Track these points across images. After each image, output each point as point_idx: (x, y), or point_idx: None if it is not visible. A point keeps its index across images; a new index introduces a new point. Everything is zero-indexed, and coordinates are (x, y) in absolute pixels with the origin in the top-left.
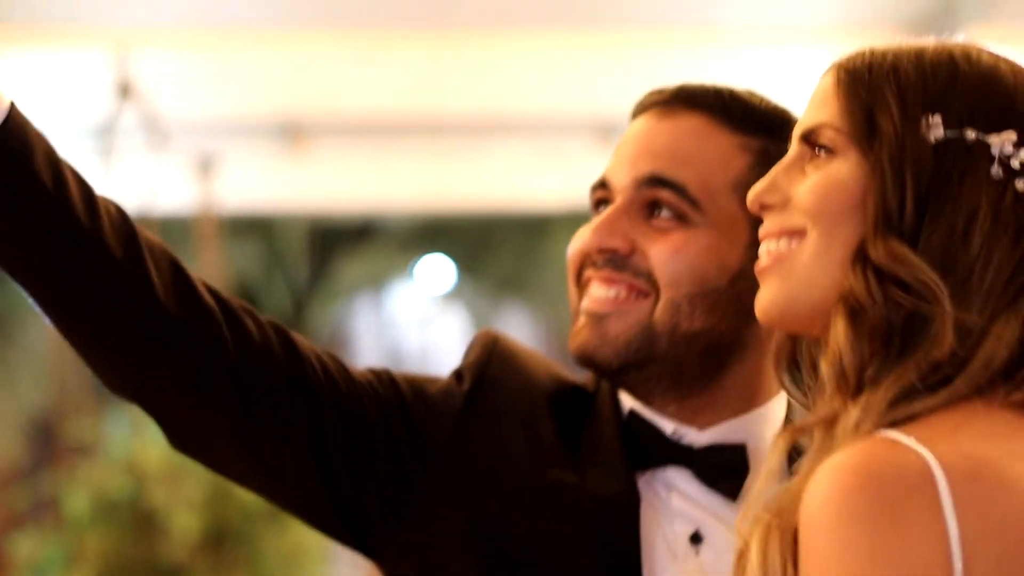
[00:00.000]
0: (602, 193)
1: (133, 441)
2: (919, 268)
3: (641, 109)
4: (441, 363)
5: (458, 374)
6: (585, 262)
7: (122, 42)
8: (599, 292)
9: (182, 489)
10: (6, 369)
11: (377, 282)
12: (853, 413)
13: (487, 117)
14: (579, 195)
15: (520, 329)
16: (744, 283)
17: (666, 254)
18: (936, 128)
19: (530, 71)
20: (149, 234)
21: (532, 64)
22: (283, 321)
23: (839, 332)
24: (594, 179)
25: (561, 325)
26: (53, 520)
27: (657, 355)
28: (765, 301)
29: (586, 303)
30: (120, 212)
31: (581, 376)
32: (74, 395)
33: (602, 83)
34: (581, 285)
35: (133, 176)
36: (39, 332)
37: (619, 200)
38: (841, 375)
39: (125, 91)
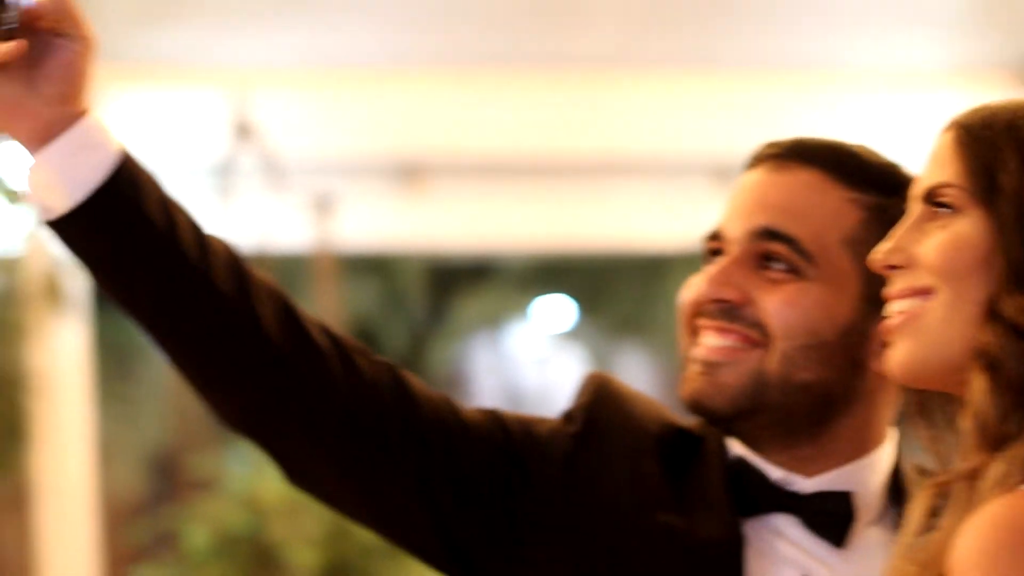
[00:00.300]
0: (716, 244)
1: (253, 476)
2: None
3: (756, 161)
4: (559, 403)
5: (568, 416)
6: (697, 311)
7: (240, 82)
8: (712, 341)
9: (301, 524)
10: (128, 404)
11: (495, 321)
12: (998, 467)
13: (606, 158)
14: (697, 236)
15: (638, 368)
16: (853, 336)
17: (779, 306)
18: None
19: (649, 112)
20: (260, 272)
21: (651, 105)
22: (401, 360)
23: (978, 388)
24: (713, 221)
25: (679, 365)
26: (173, 554)
27: (768, 404)
28: (899, 359)
29: (699, 351)
30: (230, 251)
31: (689, 420)
32: (195, 430)
33: (721, 125)
34: (692, 333)
35: (251, 215)
36: (160, 367)
37: (733, 251)
38: (983, 430)
39: (243, 131)
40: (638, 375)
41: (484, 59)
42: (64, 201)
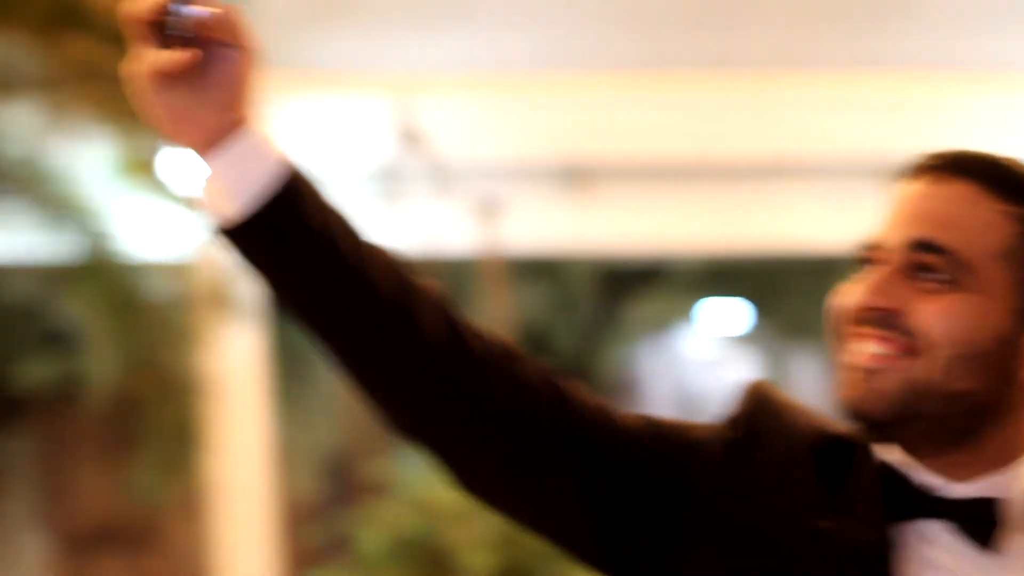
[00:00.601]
0: (872, 253)
1: (426, 481)
2: None
3: (913, 173)
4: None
5: (727, 422)
6: (854, 318)
7: (406, 87)
8: (871, 348)
9: (474, 528)
10: (304, 408)
11: (665, 324)
12: None
13: (774, 160)
14: (867, 238)
15: (810, 370)
16: (1006, 347)
17: (935, 315)
18: None
19: (817, 114)
20: (422, 278)
21: (819, 107)
22: (571, 364)
23: None
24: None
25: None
26: (348, 558)
27: (923, 412)
28: None
29: (857, 358)
30: (392, 258)
31: (844, 426)
32: (369, 434)
33: (889, 126)
34: (847, 339)
35: (418, 220)
36: (333, 372)
37: (891, 261)
38: None
39: (409, 136)
40: (810, 376)
41: (650, 62)
42: (234, 209)
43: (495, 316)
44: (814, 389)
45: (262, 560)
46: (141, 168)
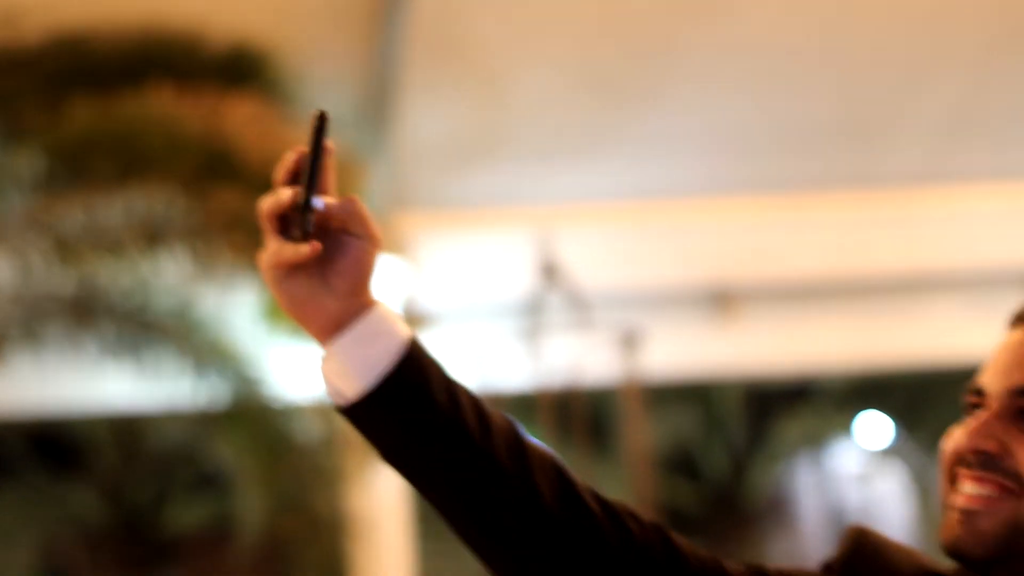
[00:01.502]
0: (977, 399)
1: None
2: None
3: (1019, 320)
4: (883, 519)
5: (828, 567)
6: (958, 460)
7: (546, 221)
8: (971, 490)
9: None
10: (447, 539)
11: (816, 441)
12: None
13: (918, 273)
14: None
15: None
16: None
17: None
18: None
19: (959, 226)
20: (536, 443)
21: (960, 219)
22: (722, 483)
23: None
24: None
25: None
26: None
27: (1022, 551)
28: None
29: (958, 499)
30: (510, 427)
31: (946, 565)
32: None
33: None
34: (952, 480)
35: (560, 351)
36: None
37: (994, 406)
38: None
39: (550, 270)
40: None
41: (789, 183)
42: (355, 388)
43: (637, 443)
44: None
45: None
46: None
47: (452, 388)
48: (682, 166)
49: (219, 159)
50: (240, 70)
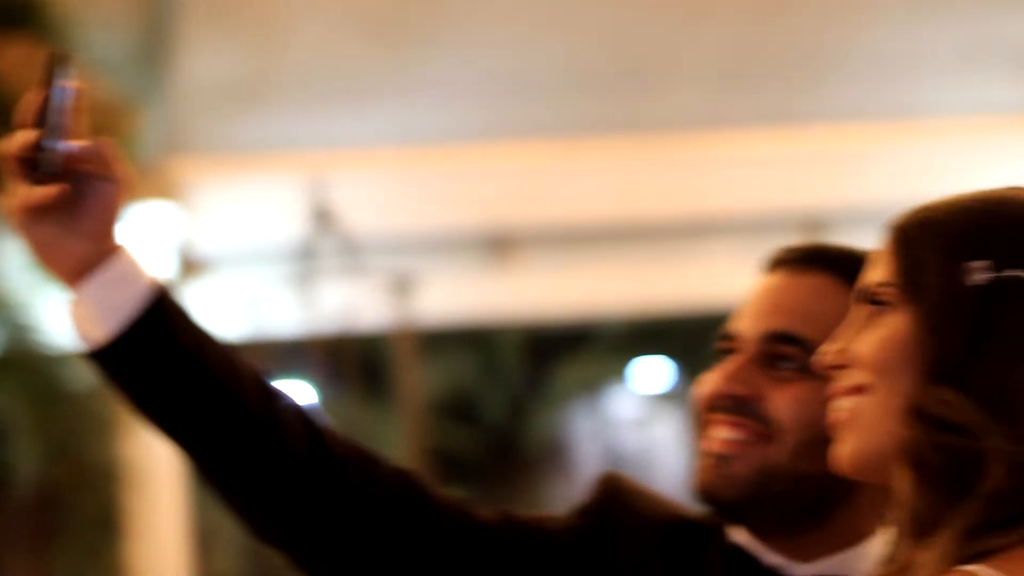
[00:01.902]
0: (730, 344)
1: None
2: (964, 409)
3: (772, 266)
4: (660, 464)
5: (579, 512)
6: (710, 405)
7: (319, 166)
8: (724, 434)
9: None
10: None
11: (594, 386)
12: (924, 557)
13: (695, 218)
14: None
15: None
16: None
17: (788, 402)
18: (979, 273)
19: (736, 171)
20: (282, 390)
21: (737, 164)
22: (500, 429)
23: (903, 482)
24: None
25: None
26: None
27: (774, 495)
28: (840, 454)
29: (710, 444)
30: (258, 375)
31: (699, 511)
32: None
33: (807, 180)
34: (705, 426)
35: (333, 298)
36: None
37: (746, 351)
38: (910, 522)
39: (322, 216)
40: None
41: (566, 128)
42: (101, 332)
43: (411, 389)
44: None
45: None
46: None
47: (198, 333)
48: (458, 112)
49: None
50: (12, 12)
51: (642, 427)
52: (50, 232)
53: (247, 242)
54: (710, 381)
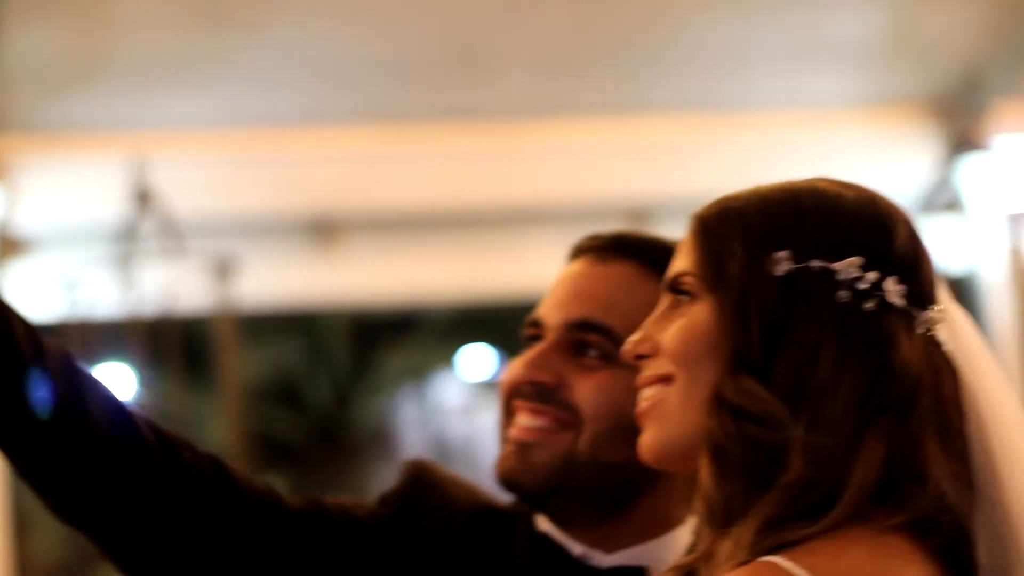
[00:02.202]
0: (534, 331)
1: None
2: (764, 399)
3: (577, 253)
4: (485, 451)
5: (384, 500)
6: (514, 392)
7: (141, 147)
8: (526, 422)
9: None
10: None
11: (420, 373)
12: (725, 546)
13: (519, 206)
14: None
15: None
16: None
17: (591, 390)
18: (781, 263)
19: (563, 159)
20: (91, 374)
21: (564, 152)
22: (326, 415)
23: (704, 471)
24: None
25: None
26: None
27: (577, 483)
28: (644, 444)
29: (513, 431)
30: (65, 353)
31: (507, 499)
32: None
33: (629, 169)
34: (509, 413)
35: (154, 278)
36: None
37: (550, 338)
38: (711, 512)
39: (143, 197)
40: None
41: (393, 114)
42: None
43: (231, 373)
44: None
45: None
46: None
47: (4, 309)
48: (284, 95)
49: None
50: None
51: (467, 415)
52: None
53: (68, 222)
54: (514, 368)
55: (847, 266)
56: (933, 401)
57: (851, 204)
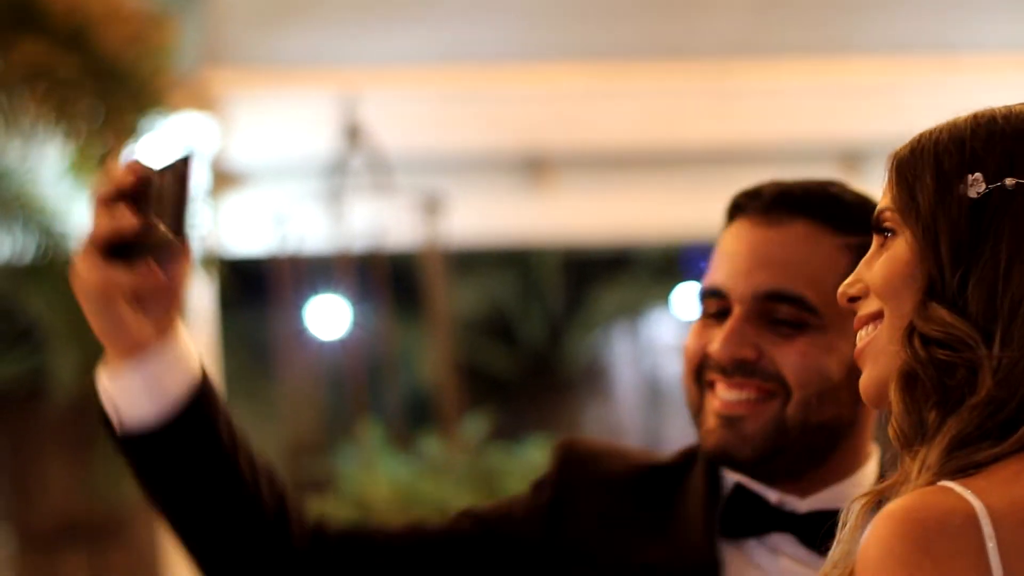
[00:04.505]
0: (718, 303)
1: (363, 477)
2: (950, 323)
3: (740, 212)
4: None
5: (538, 487)
6: (708, 364)
7: (353, 83)
8: (731, 396)
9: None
10: (262, 402)
11: (633, 310)
12: (913, 468)
13: (735, 145)
14: None
15: None
16: (855, 372)
17: (793, 359)
18: (974, 186)
19: (776, 99)
20: (290, 491)
21: (777, 92)
22: (538, 351)
23: (895, 400)
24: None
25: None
26: None
27: (787, 446)
28: (863, 385)
29: (717, 405)
30: (272, 471)
31: (662, 455)
32: (316, 431)
33: (847, 110)
34: (702, 384)
35: (366, 214)
36: (290, 374)
37: (740, 311)
38: (903, 438)
39: (355, 134)
40: None
41: (605, 52)
42: (146, 415)
43: (440, 308)
44: None
45: None
46: (94, 167)
47: (233, 428)
48: (495, 31)
49: (22, 8)
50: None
51: (680, 353)
52: (120, 312)
53: (280, 157)
54: (703, 338)
55: None
56: None
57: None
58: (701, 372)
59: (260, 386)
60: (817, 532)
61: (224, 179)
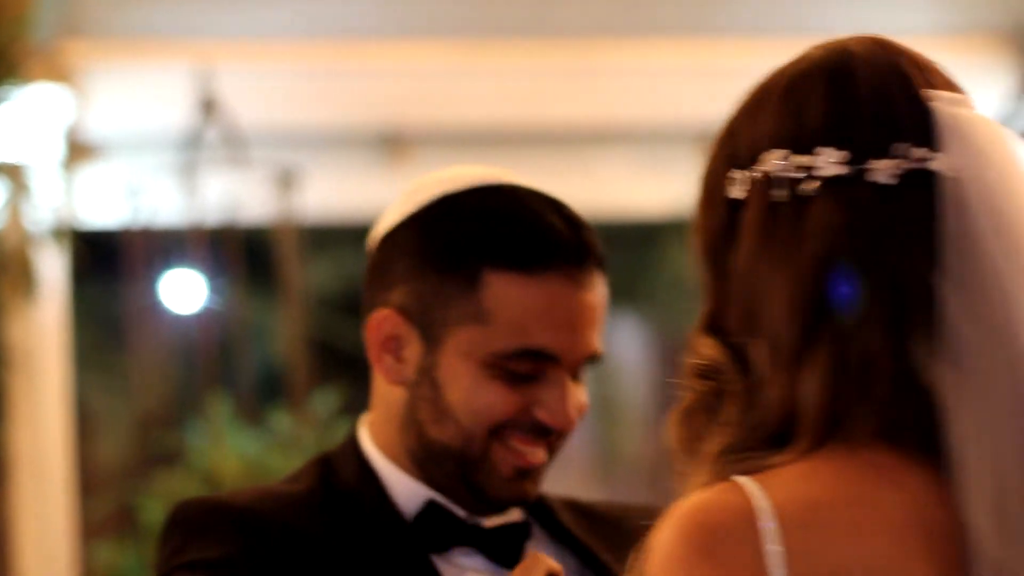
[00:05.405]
0: (536, 365)
1: (212, 451)
2: (706, 353)
3: (547, 263)
4: None
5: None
6: (521, 425)
7: (209, 56)
8: (538, 455)
9: None
10: (114, 375)
11: None
12: (690, 478)
13: (592, 126)
14: (684, 204)
15: (631, 337)
16: None
17: (579, 414)
18: (733, 188)
19: (635, 80)
20: None
21: (637, 73)
22: None
23: (670, 425)
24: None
25: (672, 331)
26: (131, 528)
27: None
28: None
29: (519, 461)
30: None
31: (292, 486)
32: (158, 405)
33: (706, 92)
34: (497, 437)
35: (218, 189)
36: (144, 338)
37: (567, 375)
38: (679, 451)
39: (209, 106)
40: (632, 342)
41: (464, 29)
42: None
43: (292, 283)
44: (636, 356)
45: (61, 528)
46: None
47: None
48: (353, 6)
49: None
50: None
51: None
52: None
53: (135, 129)
54: (522, 401)
55: (773, 162)
56: (888, 272)
57: (772, 95)
58: (501, 429)
59: (112, 360)
60: (500, 546)
61: (79, 151)
